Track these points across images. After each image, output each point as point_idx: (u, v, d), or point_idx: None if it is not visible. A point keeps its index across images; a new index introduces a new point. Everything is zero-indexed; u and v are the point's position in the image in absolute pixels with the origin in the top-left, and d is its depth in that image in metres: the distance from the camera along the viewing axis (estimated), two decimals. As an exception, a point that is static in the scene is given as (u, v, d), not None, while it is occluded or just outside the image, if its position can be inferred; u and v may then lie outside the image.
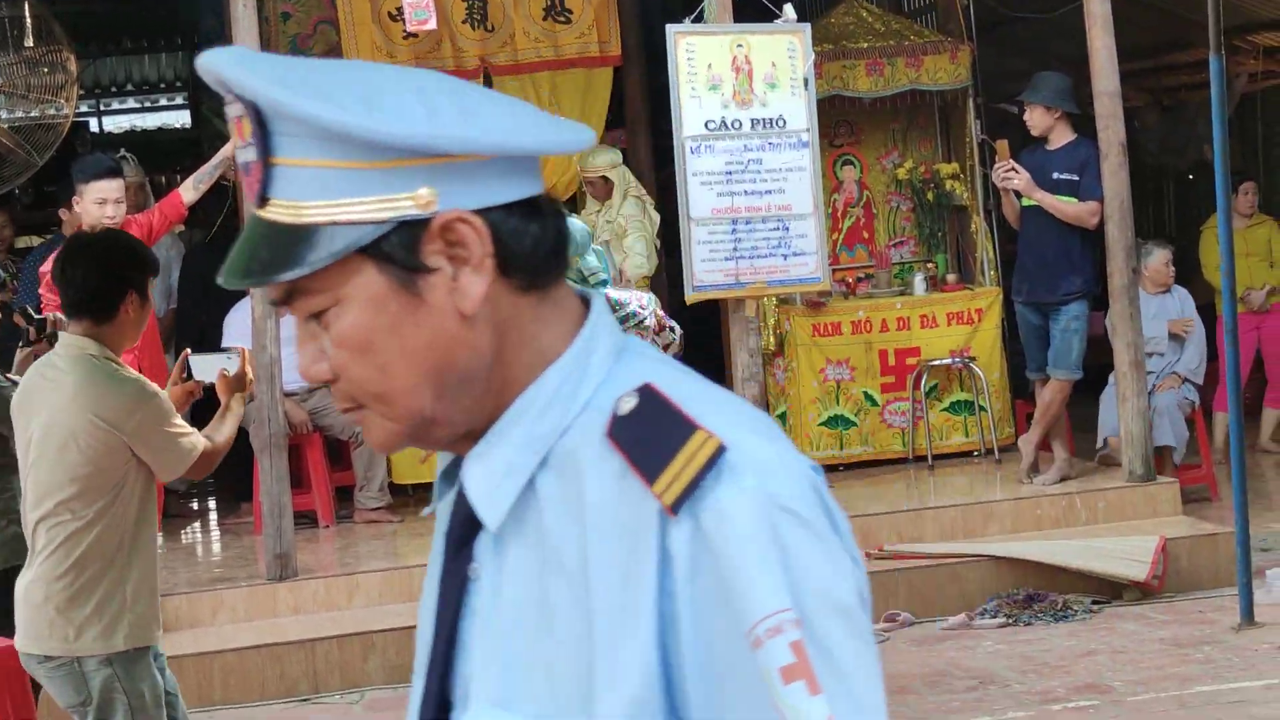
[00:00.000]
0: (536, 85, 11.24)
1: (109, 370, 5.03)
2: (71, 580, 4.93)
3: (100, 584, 4.96)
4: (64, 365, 5.02)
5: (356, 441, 10.71)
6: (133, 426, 4.94)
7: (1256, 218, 12.80)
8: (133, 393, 5.00)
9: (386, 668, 8.54)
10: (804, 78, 9.57)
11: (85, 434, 4.90)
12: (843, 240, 12.14)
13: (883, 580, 9.08)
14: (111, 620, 4.98)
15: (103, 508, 4.96)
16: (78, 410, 4.91)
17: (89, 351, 5.01)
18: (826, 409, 11.31)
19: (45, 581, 4.95)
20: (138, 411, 4.96)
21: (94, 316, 5.03)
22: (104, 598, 4.96)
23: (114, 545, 4.99)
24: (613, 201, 11.00)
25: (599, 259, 7.27)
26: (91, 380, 4.96)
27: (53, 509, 4.95)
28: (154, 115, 19.36)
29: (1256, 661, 7.65)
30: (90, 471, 4.93)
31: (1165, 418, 10.73)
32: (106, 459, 4.94)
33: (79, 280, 5.04)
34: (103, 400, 4.93)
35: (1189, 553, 9.29)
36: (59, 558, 4.94)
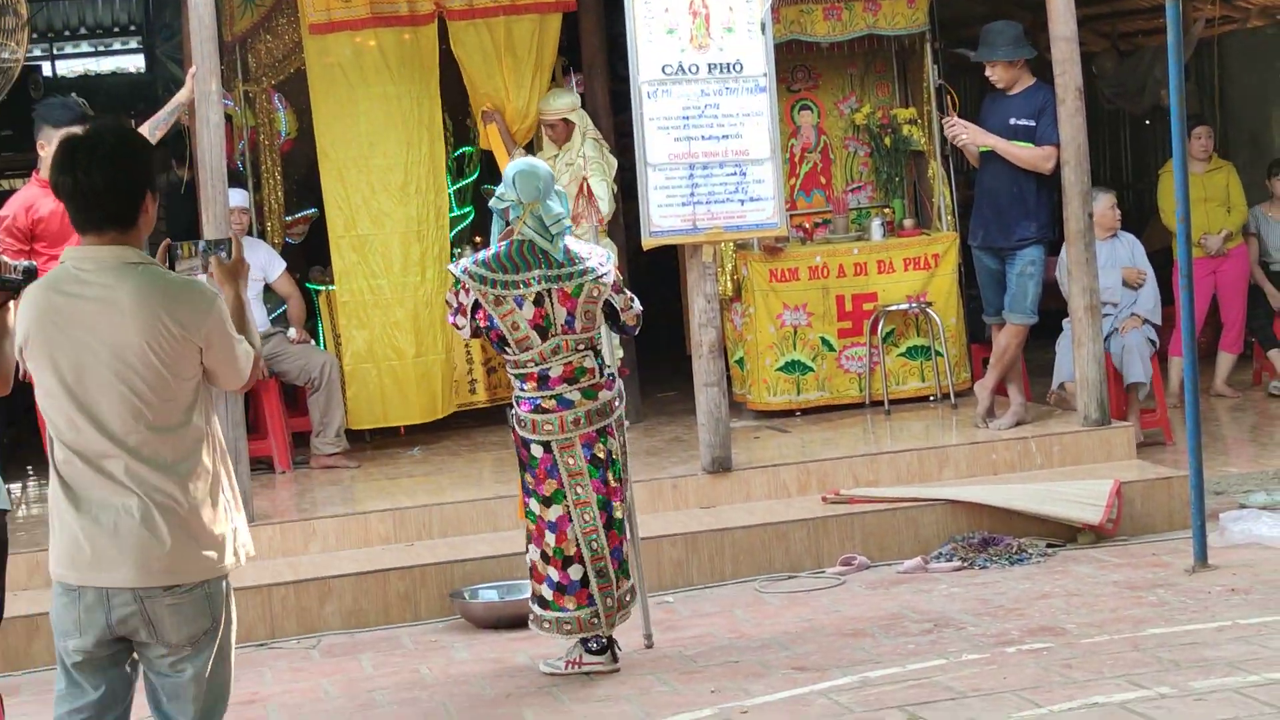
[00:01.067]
0: (491, 30, 11.16)
1: (163, 274, 4.63)
2: (202, 495, 4.58)
3: (223, 494, 4.67)
4: (107, 279, 4.54)
5: (313, 387, 10.68)
6: (206, 330, 4.58)
7: (1214, 162, 12.83)
8: (198, 294, 4.61)
9: (343, 613, 8.54)
10: (761, 22, 9.52)
11: (160, 343, 4.51)
12: (800, 185, 12.13)
13: (839, 524, 9.12)
14: (232, 533, 4.69)
15: (200, 416, 4.61)
16: (147, 320, 4.51)
17: (129, 259, 4.58)
18: (783, 354, 11.32)
19: (172, 503, 4.52)
20: (209, 314, 4.59)
21: (120, 225, 4.58)
22: (226, 509, 4.67)
23: (221, 451, 4.70)
24: (572, 144, 10.98)
25: (562, 203, 7.23)
26: (153, 286, 4.54)
27: (152, 427, 4.53)
28: (108, 59, 19.19)
29: (1209, 604, 7.69)
30: (176, 381, 4.56)
31: (1135, 354, 10.78)
32: (185, 367, 4.57)
33: (100, 188, 4.53)
34: (173, 305, 4.54)
35: (1143, 496, 9.35)
36: (181, 474, 4.55)
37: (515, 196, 7.13)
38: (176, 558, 4.54)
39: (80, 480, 4.57)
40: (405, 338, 11.03)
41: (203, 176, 9.17)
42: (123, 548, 4.52)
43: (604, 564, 7.23)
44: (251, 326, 4.85)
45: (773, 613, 8.26)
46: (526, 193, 7.11)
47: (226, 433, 8.94)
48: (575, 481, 7.18)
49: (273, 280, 11.01)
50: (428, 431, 11.32)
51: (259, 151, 11.84)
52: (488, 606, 8.43)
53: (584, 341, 7.14)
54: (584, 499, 7.19)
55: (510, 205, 7.16)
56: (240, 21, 11.46)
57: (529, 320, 7.03)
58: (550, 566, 7.24)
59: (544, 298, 7.04)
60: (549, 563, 7.24)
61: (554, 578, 7.25)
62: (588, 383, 7.15)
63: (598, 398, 7.19)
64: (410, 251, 11.05)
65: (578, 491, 7.18)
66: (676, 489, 9.57)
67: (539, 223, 7.11)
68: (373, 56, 11.02)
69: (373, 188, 11.02)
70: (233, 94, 11.32)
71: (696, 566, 8.91)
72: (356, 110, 11.01)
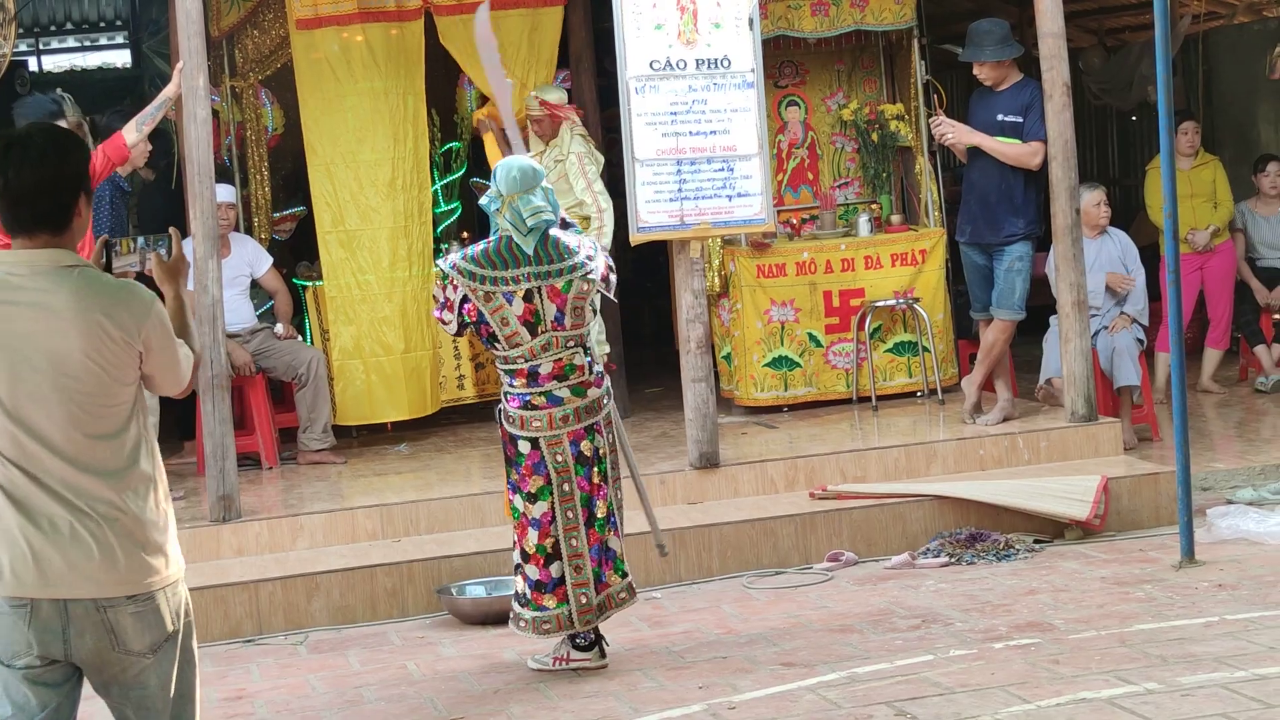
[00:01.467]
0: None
1: (100, 277, 4.45)
2: (148, 502, 4.43)
3: (163, 500, 4.50)
4: (42, 284, 4.35)
5: (300, 383, 10.67)
6: (146, 333, 4.42)
7: (1201, 158, 12.84)
8: (136, 297, 4.44)
9: (330, 609, 8.53)
10: (749, 18, 9.52)
11: (99, 348, 4.34)
12: (787, 181, 12.14)
13: (827, 520, 9.12)
14: (175, 537, 4.53)
15: (137, 422, 4.44)
16: (84, 324, 4.33)
17: (65, 262, 4.39)
18: (771, 350, 11.31)
19: (116, 513, 4.36)
20: (148, 316, 4.43)
21: (51, 227, 4.39)
22: (171, 515, 4.52)
23: (156, 459, 4.51)
24: (560, 140, 10.96)
25: (549, 198, 7.21)
26: (90, 290, 4.37)
27: (91, 436, 4.36)
28: (94, 54, 19.16)
29: (1197, 600, 7.70)
30: (116, 387, 4.38)
31: (1126, 357, 10.78)
32: (125, 372, 4.40)
33: (30, 189, 4.35)
34: (111, 308, 4.37)
35: (1130, 492, 9.35)
36: (123, 482, 4.39)
37: (496, 189, 7.13)
38: (129, 567, 4.39)
39: (22, 493, 4.37)
40: (393, 333, 11.01)
41: (190, 172, 9.16)
42: (75, 559, 4.35)
43: (581, 561, 7.20)
44: (192, 328, 4.72)
45: (760, 608, 8.26)
46: (507, 185, 7.11)
47: (214, 428, 9.04)
48: (562, 479, 7.17)
49: (260, 276, 11.00)
50: (415, 428, 11.31)
51: (246, 147, 11.83)
52: (475, 602, 8.42)
53: (574, 338, 7.14)
54: (569, 495, 7.18)
55: (491, 199, 7.16)
56: (227, 17, 11.45)
57: (519, 316, 7.02)
58: (531, 564, 7.22)
59: (534, 294, 7.03)
60: (529, 560, 7.22)
61: (533, 575, 7.22)
62: (577, 380, 7.15)
63: (586, 395, 7.18)
64: (398, 247, 11.03)
65: (564, 488, 7.17)
66: (664, 485, 9.56)
67: (516, 215, 7.09)
68: (360, 51, 11.00)
69: (360, 183, 11.00)
70: (219, 89, 11.30)
71: (684, 562, 8.90)
72: (344, 106, 11.00)
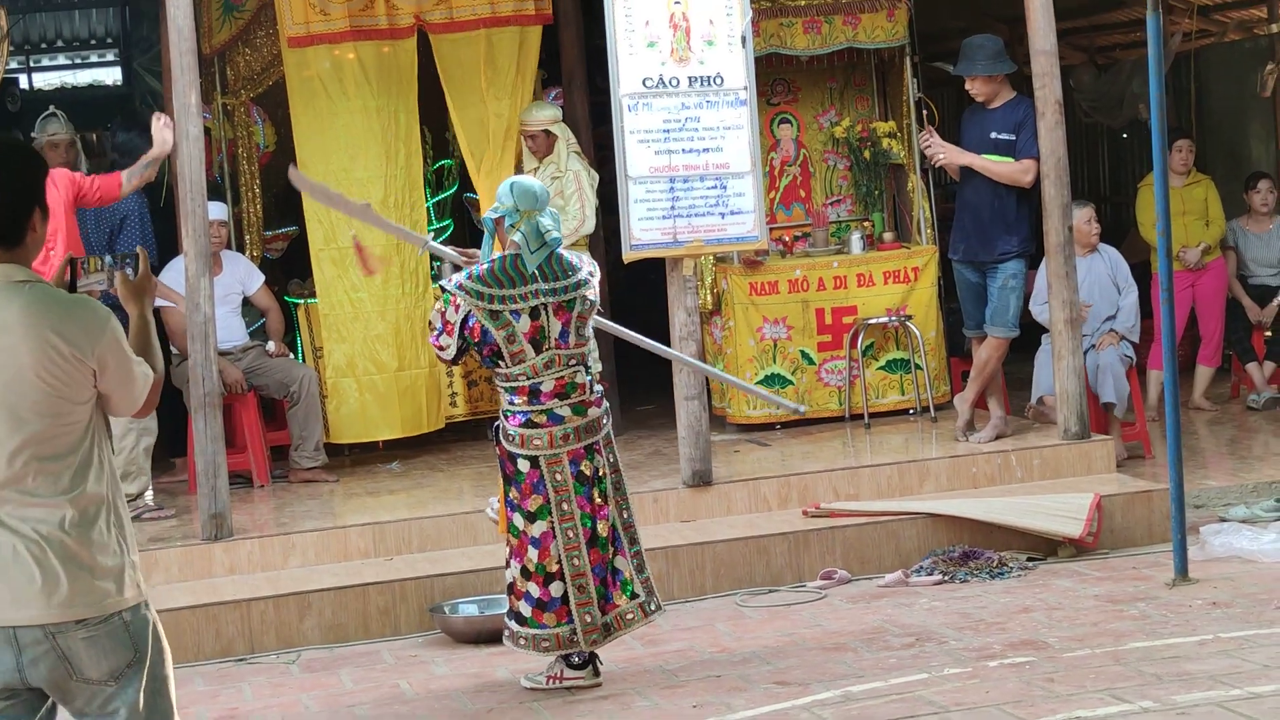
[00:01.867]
0: (472, 43, 11.15)
1: (53, 292, 4.31)
2: (97, 524, 4.27)
3: (114, 524, 4.32)
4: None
5: (292, 401, 10.65)
6: (100, 351, 4.27)
7: (1192, 176, 12.85)
8: (90, 313, 4.30)
9: (322, 628, 8.51)
10: (742, 35, 9.53)
11: (50, 366, 4.20)
12: (780, 198, 12.14)
13: (820, 538, 9.11)
14: (136, 562, 4.37)
15: (90, 442, 4.31)
16: (34, 341, 4.19)
17: (16, 278, 4.26)
18: (763, 367, 11.31)
19: (60, 534, 4.22)
20: (103, 333, 4.28)
21: (5, 242, 4.27)
22: (128, 538, 4.35)
23: (112, 479, 4.36)
24: (556, 156, 10.95)
25: (554, 220, 7.22)
26: (41, 305, 4.24)
27: (39, 457, 4.22)
28: (85, 71, 19.14)
29: (1191, 618, 7.69)
30: (68, 406, 4.25)
31: (1109, 374, 10.77)
32: (78, 391, 4.27)
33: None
34: (62, 324, 4.23)
35: (1123, 510, 9.34)
36: (69, 504, 4.24)
37: (512, 204, 7.11)
38: (74, 591, 4.23)
39: None
40: (386, 351, 10.99)
41: (182, 190, 9.14)
42: (17, 584, 4.20)
43: (584, 580, 7.19)
44: (155, 348, 4.53)
45: (754, 627, 8.24)
46: (525, 201, 7.10)
47: (205, 446, 9.02)
48: (561, 498, 7.15)
49: (252, 294, 10.98)
50: (407, 445, 11.29)
51: (237, 164, 11.83)
52: (468, 621, 8.41)
53: (576, 356, 7.13)
54: (568, 514, 7.16)
55: (506, 213, 7.14)
56: (219, 34, 11.44)
57: (525, 334, 7.02)
58: (531, 582, 7.20)
59: (540, 311, 7.03)
60: (530, 578, 7.20)
61: (534, 594, 7.21)
62: (578, 398, 7.14)
63: (587, 414, 7.17)
64: (390, 265, 11.02)
65: (563, 508, 7.15)
66: (657, 503, 9.55)
67: (534, 231, 7.08)
68: (352, 69, 11.00)
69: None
70: (211, 107, 11.29)
71: (677, 580, 8.89)
72: (336, 123, 10.99)
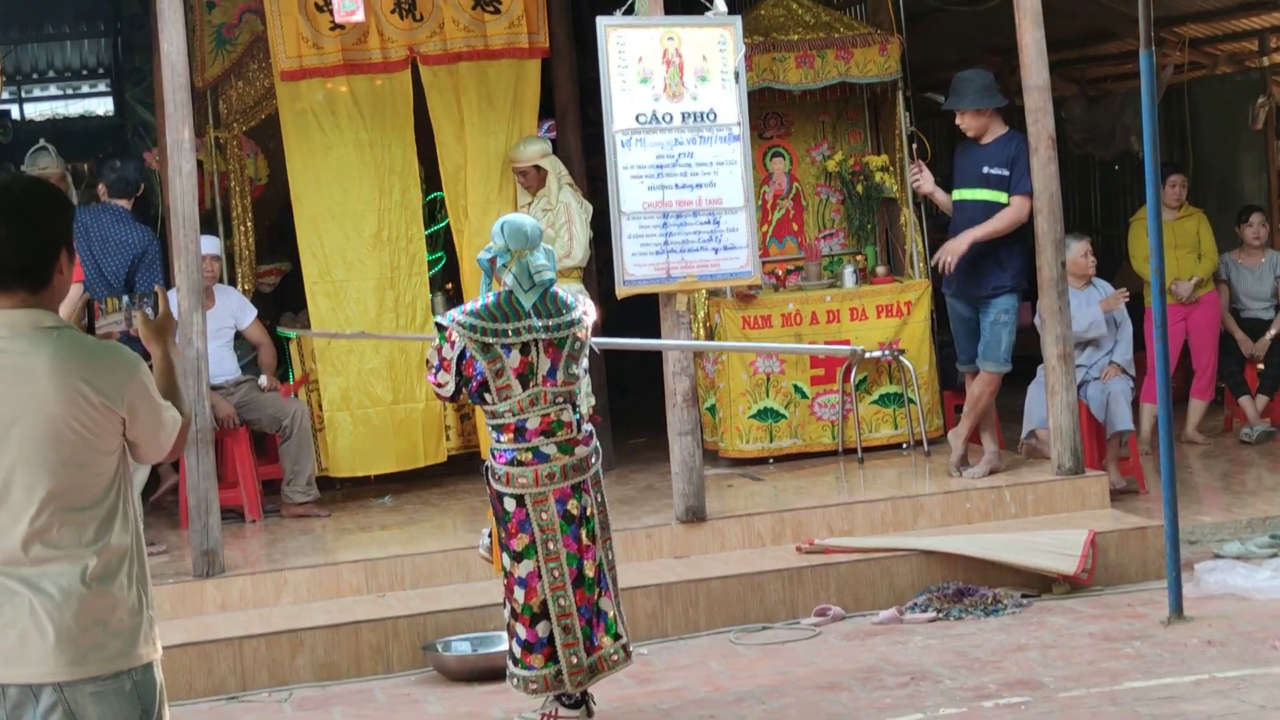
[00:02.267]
0: (465, 76, 11.14)
1: (82, 339, 4.22)
2: (117, 579, 4.18)
3: (136, 576, 4.23)
4: (21, 346, 4.13)
5: (284, 436, 10.62)
6: (130, 398, 4.19)
7: (1185, 210, 12.86)
8: (120, 359, 4.22)
9: (315, 665, 8.47)
10: (735, 71, 9.53)
11: (78, 416, 4.11)
12: (772, 232, 12.14)
13: (814, 574, 9.08)
14: (153, 617, 4.28)
15: (116, 492, 4.21)
16: (63, 389, 4.10)
17: (45, 324, 4.16)
18: (756, 401, 11.30)
19: (85, 588, 4.12)
20: (132, 380, 4.20)
21: (30, 285, 4.18)
22: (148, 591, 4.26)
23: (136, 529, 4.27)
24: (548, 190, 10.96)
25: (548, 258, 7.20)
26: (70, 352, 4.14)
27: (65, 508, 4.13)
28: (77, 102, 19.14)
29: (1186, 657, 7.67)
30: (97, 456, 4.17)
31: (1122, 401, 10.79)
32: (107, 440, 4.18)
33: (9, 245, 4.15)
34: (92, 372, 4.14)
35: (1117, 546, 9.33)
36: (93, 556, 4.14)
37: (504, 244, 7.10)
38: (88, 648, 4.13)
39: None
40: (381, 384, 10.98)
41: (175, 225, 9.12)
42: (32, 640, 4.11)
43: (570, 621, 7.12)
44: (181, 390, 4.49)
45: (748, 665, 8.21)
46: (516, 241, 7.08)
47: (197, 482, 8.98)
48: (547, 536, 7.09)
49: (244, 328, 10.96)
50: (399, 480, 11.26)
51: (230, 198, 11.81)
52: (461, 659, 8.37)
53: (563, 394, 7.08)
54: (554, 554, 7.09)
55: (498, 253, 7.12)
56: (211, 68, 11.44)
57: (514, 369, 6.98)
58: (519, 623, 7.15)
59: (531, 347, 6.99)
60: (517, 619, 7.15)
61: (521, 635, 7.14)
62: (564, 437, 7.09)
63: (574, 453, 7.11)
64: (384, 298, 11.01)
65: (549, 547, 7.09)
66: (650, 538, 9.53)
67: (524, 271, 7.06)
68: (345, 102, 11.00)
69: (346, 234, 10.99)
70: (203, 140, 11.28)
71: (671, 617, 8.86)
72: (329, 157, 10.98)
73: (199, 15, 11.32)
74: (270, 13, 10.88)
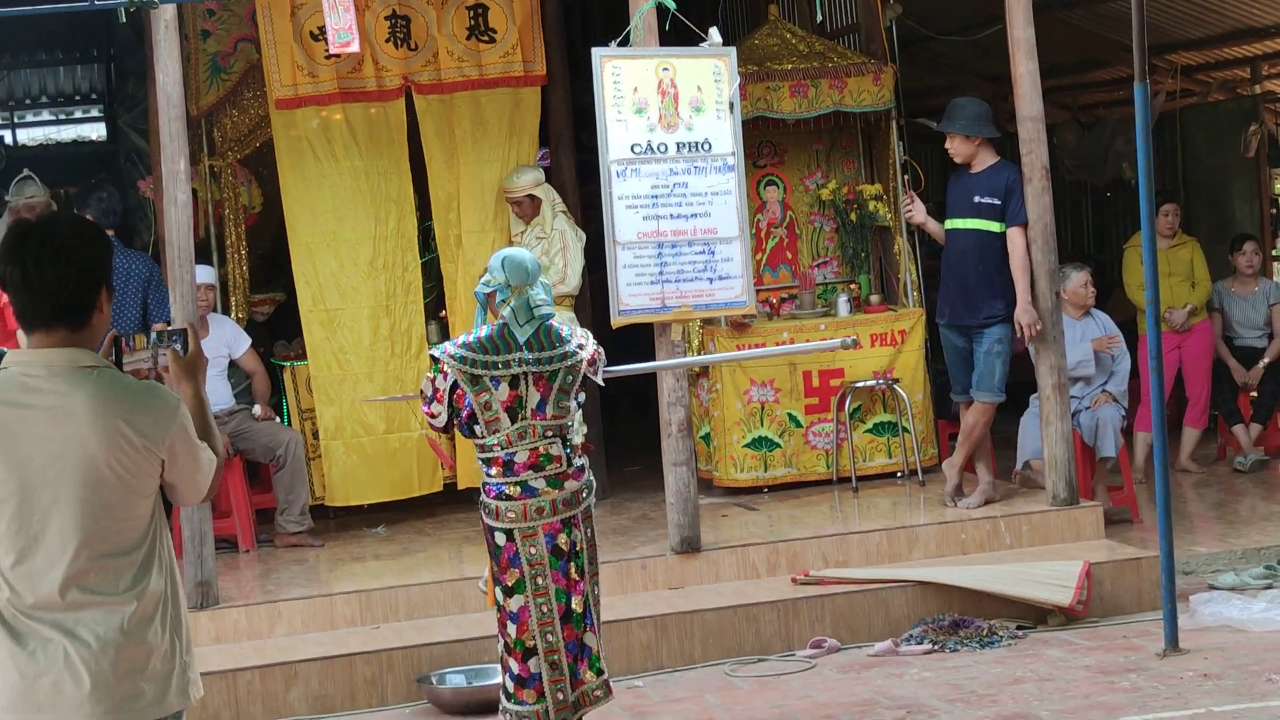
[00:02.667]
0: (460, 104, 11.15)
1: (121, 379, 4.17)
2: (153, 625, 4.13)
3: (172, 620, 4.19)
4: (60, 386, 4.08)
5: (277, 465, 10.60)
6: (170, 441, 4.16)
7: (1178, 238, 12.87)
8: (160, 400, 4.17)
9: (309, 698, 8.45)
10: (730, 101, 9.54)
11: (120, 457, 4.07)
12: (766, 260, 12.14)
13: (809, 605, 9.08)
14: (189, 662, 4.24)
15: (153, 536, 4.17)
16: (103, 430, 4.05)
17: (83, 363, 4.13)
18: (750, 430, 11.29)
19: (117, 634, 4.06)
20: (173, 422, 4.16)
21: (71, 322, 4.14)
22: (183, 636, 4.22)
23: (172, 573, 4.22)
24: (542, 218, 10.96)
25: (546, 292, 7.17)
26: (111, 392, 4.10)
27: (102, 553, 4.07)
28: (69, 127, 19.11)
29: (1183, 690, 7.65)
30: (135, 499, 4.12)
31: (1110, 427, 10.79)
32: (146, 483, 4.14)
33: (52, 282, 4.10)
34: (133, 413, 4.09)
35: (1112, 577, 9.32)
36: (132, 601, 4.09)
37: (504, 279, 7.07)
38: (122, 697, 4.08)
39: (19, 614, 4.08)
40: (375, 413, 10.96)
41: (170, 255, 9.11)
42: (67, 689, 4.05)
43: (557, 657, 7.04)
44: (214, 429, 4.42)
45: (744, 698, 8.19)
46: (516, 276, 7.04)
47: (191, 513, 8.95)
48: (535, 571, 7.02)
49: (238, 356, 10.94)
50: (393, 509, 11.22)
51: (224, 226, 11.80)
52: (455, 692, 8.35)
53: (552, 428, 7.01)
54: (543, 589, 7.02)
55: (498, 288, 7.08)
56: (206, 96, 11.43)
57: (502, 401, 6.93)
58: (511, 658, 7.08)
59: (521, 380, 6.95)
60: (510, 654, 7.09)
61: (515, 669, 7.06)
62: (553, 471, 7.01)
63: (564, 487, 7.02)
64: (379, 326, 11.00)
65: (537, 582, 7.00)
66: (645, 569, 9.51)
67: (524, 305, 7.02)
68: (340, 131, 11.00)
69: (340, 262, 10.98)
70: (198, 168, 11.27)
71: (666, 649, 8.85)
72: (324, 185, 10.98)
73: (194, 44, 11.31)
74: (265, 41, 10.89)
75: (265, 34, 10.88)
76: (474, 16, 11.18)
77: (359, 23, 9.81)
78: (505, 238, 11.06)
